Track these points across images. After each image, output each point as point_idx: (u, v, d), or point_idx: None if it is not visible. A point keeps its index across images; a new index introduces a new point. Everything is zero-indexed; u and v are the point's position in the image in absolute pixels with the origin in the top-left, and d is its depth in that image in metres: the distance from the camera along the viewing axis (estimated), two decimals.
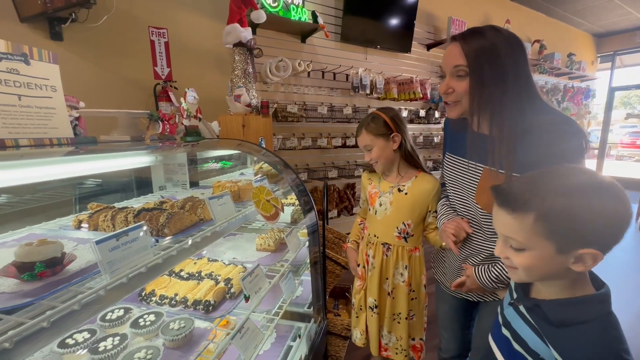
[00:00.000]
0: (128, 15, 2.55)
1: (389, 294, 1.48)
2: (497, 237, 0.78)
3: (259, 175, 1.64)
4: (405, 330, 1.49)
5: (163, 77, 2.75)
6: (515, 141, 0.97)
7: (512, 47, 0.96)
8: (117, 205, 1.29)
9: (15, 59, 0.92)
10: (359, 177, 3.95)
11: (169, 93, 2.66)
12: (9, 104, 0.90)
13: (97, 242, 0.60)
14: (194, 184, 1.70)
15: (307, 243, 1.59)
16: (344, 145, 3.66)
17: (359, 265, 1.57)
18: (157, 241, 0.83)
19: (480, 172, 1.11)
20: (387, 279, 1.48)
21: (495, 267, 1.10)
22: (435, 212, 1.44)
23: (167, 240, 0.86)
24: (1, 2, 2.05)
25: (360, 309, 1.58)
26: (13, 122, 0.90)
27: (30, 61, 0.95)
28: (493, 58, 0.95)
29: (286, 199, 1.84)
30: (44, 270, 0.56)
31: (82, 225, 0.93)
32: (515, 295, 0.84)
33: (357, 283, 1.58)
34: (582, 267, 0.64)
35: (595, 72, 7.59)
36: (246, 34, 2.09)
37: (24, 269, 0.58)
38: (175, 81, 2.71)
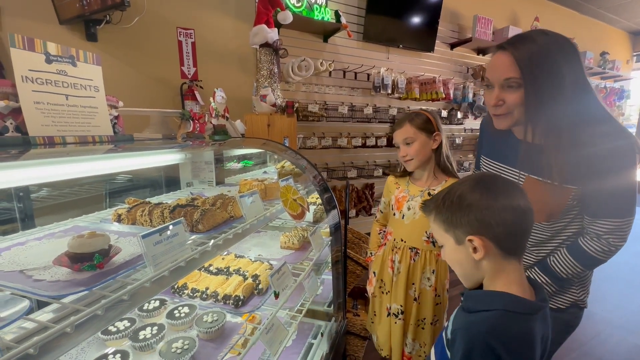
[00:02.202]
0: (158, 16, 2.63)
1: (415, 299, 1.46)
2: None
3: (285, 175, 1.67)
4: (430, 336, 1.47)
5: (189, 76, 2.84)
6: (570, 153, 0.93)
7: (565, 51, 0.91)
8: (150, 200, 1.34)
9: (64, 61, 0.97)
10: (378, 177, 3.93)
11: (195, 92, 2.75)
12: (57, 103, 0.96)
13: (143, 237, 0.63)
14: (219, 182, 1.74)
15: (329, 242, 1.60)
16: (363, 145, 3.65)
17: (374, 274, 1.56)
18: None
19: (522, 181, 1.08)
20: (413, 284, 1.45)
21: (531, 271, 1.08)
22: None
23: (201, 235, 0.89)
24: (43, 7, 2.17)
25: (375, 314, 1.56)
26: (61, 121, 0.96)
27: (77, 63, 1.01)
28: (548, 66, 0.90)
29: (308, 198, 1.87)
30: (101, 262, 0.60)
31: (121, 218, 0.98)
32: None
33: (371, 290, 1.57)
34: (478, 255, 0.71)
35: (630, 72, 7.19)
36: (273, 34, 2.12)
37: (76, 259, 0.63)
38: (201, 80, 2.79)
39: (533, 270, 1.10)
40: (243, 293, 1.07)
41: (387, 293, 1.52)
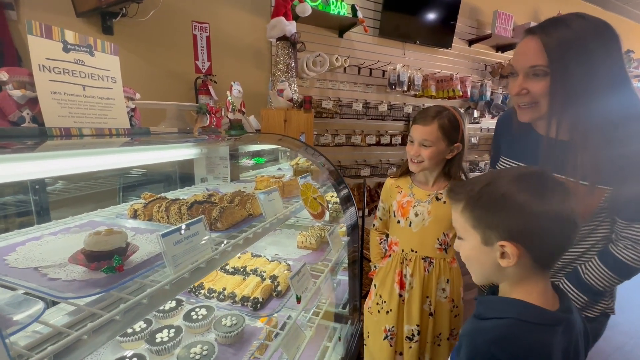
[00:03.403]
0: (173, 10, 2.61)
1: (430, 314, 1.32)
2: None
3: (301, 172, 1.62)
4: (448, 352, 1.33)
5: (203, 71, 2.81)
6: (602, 151, 0.85)
7: (604, 38, 0.82)
8: (165, 195, 1.31)
9: (82, 50, 0.94)
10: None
11: (209, 87, 2.72)
12: (75, 94, 0.93)
13: (163, 235, 0.59)
14: (233, 178, 1.71)
15: (346, 242, 1.55)
16: (377, 144, 3.57)
17: (374, 287, 1.41)
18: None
19: None
20: (427, 297, 1.32)
21: (567, 280, 1.01)
22: None
23: (220, 234, 0.85)
24: None
25: (368, 335, 1.40)
26: (77, 112, 0.93)
27: (94, 52, 0.97)
28: (580, 54, 0.81)
29: (325, 196, 1.82)
30: (121, 264, 0.56)
31: (138, 214, 0.95)
32: None
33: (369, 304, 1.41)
34: (506, 263, 0.63)
35: None
36: (291, 27, 2.07)
37: (93, 257, 0.59)
38: (215, 75, 2.76)
39: (562, 282, 1.03)
40: (262, 295, 1.03)
41: (387, 312, 1.35)
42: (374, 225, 1.51)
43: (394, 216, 1.39)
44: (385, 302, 1.36)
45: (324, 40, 3.24)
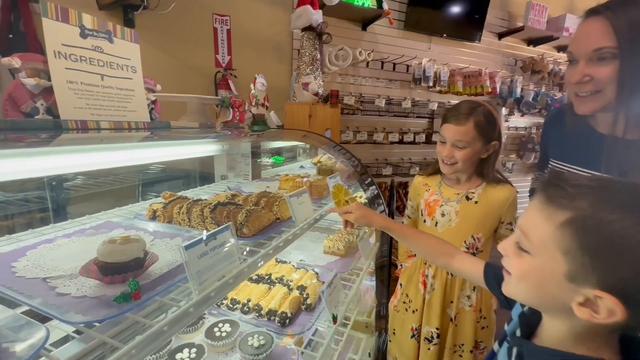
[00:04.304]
0: (194, 2, 2.56)
1: (451, 320, 1.26)
2: None
3: (325, 170, 1.52)
4: None
5: (224, 65, 2.74)
6: None
7: None
8: (185, 193, 1.24)
9: (100, 37, 0.87)
10: (414, 175, 3.70)
11: (229, 81, 2.65)
12: (92, 83, 0.85)
13: (187, 248, 0.50)
14: (255, 176, 1.63)
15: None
16: (400, 142, 3.43)
17: (401, 286, 1.37)
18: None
19: None
20: (451, 302, 1.26)
21: None
22: (510, 224, 1.23)
23: (247, 241, 0.76)
24: None
25: (394, 332, 1.36)
26: (95, 103, 0.86)
27: (113, 39, 0.90)
28: None
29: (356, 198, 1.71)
30: (138, 289, 0.48)
31: (157, 215, 0.88)
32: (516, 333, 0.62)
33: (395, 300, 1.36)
34: (587, 315, 0.46)
35: None
36: (317, 16, 1.96)
37: (107, 269, 0.51)
38: (235, 69, 2.69)
39: None
40: (290, 309, 0.94)
41: (413, 312, 1.31)
42: (403, 223, 1.45)
43: (421, 215, 1.33)
44: (411, 301, 1.33)
45: (346, 33, 3.11)
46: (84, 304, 0.47)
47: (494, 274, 0.73)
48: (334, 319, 0.85)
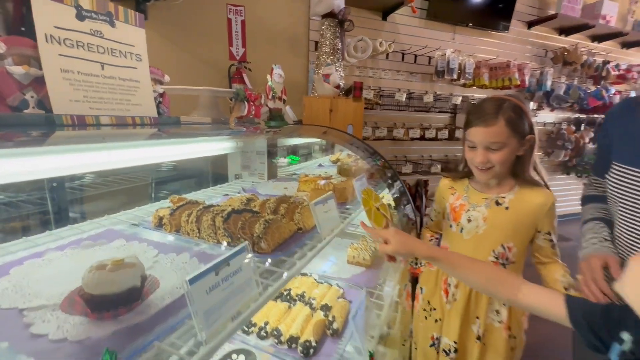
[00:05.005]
0: None
1: (478, 338, 1.12)
2: None
3: (345, 170, 1.39)
4: None
5: (238, 57, 2.63)
6: None
7: None
8: (196, 194, 1.14)
9: (100, 19, 0.76)
10: (435, 174, 3.52)
11: (243, 75, 2.55)
12: (91, 73, 0.75)
13: (192, 281, 0.39)
14: (271, 175, 1.51)
15: None
16: (422, 138, 3.25)
17: (422, 291, 1.25)
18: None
19: None
20: (477, 317, 1.12)
21: None
22: (549, 234, 1.08)
23: (265, 258, 0.64)
24: None
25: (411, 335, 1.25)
26: (94, 96, 0.75)
27: (115, 22, 0.79)
28: None
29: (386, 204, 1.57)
30: None
31: (163, 222, 0.77)
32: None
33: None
34: None
35: None
36: (339, 2, 1.81)
37: (93, 303, 0.41)
38: (249, 62, 2.58)
39: None
40: (314, 335, 0.82)
41: (435, 321, 1.21)
42: (426, 223, 1.35)
43: (447, 219, 1.21)
44: (434, 309, 1.22)
45: (366, 23, 2.95)
46: (62, 353, 0.36)
47: (583, 312, 0.58)
48: (371, 357, 0.73)
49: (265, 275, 0.57)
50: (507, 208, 1.08)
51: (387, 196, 1.40)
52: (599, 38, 4.15)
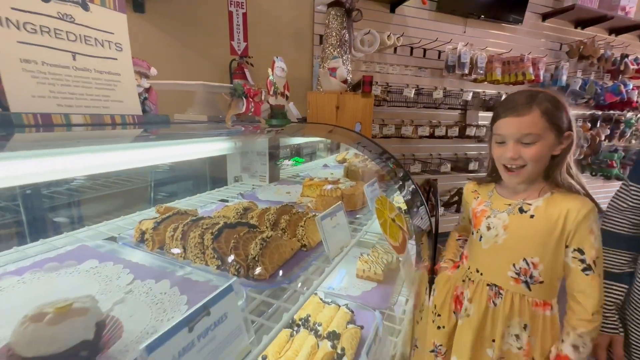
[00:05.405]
0: None
1: None
2: None
3: (353, 172, 1.27)
4: None
5: (239, 52, 2.52)
6: None
7: None
8: (190, 200, 1.03)
9: (70, 1, 0.65)
10: (445, 173, 3.39)
11: (245, 70, 2.44)
12: (59, 64, 0.64)
13: (150, 348, 0.27)
14: (273, 178, 1.40)
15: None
16: (431, 135, 3.12)
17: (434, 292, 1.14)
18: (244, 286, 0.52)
19: None
20: (493, 341, 0.98)
21: None
22: (579, 251, 0.88)
23: (261, 289, 0.53)
24: None
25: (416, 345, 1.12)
26: (63, 91, 0.65)
27: (89, 5, 0.68)
28: None
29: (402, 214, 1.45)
30: None
31: (145, 238, 0.67)
32: None
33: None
34: None
35: None
36: None
37: None
38: (252, 57, 2.47)
39: None
40: None
41: (438, 327, 1.09)
42: (457, 223, 1.25)
43: (471, 225, 1.10)
44: (439, 315, 1.10)
45: (373, 16, 2.81)
46: None
47: None
48: None
49: (261, 309, 0.46)
50: (532, 216, 0.94)
51: (397, 198, 1.28)
52: (617, 30, 3.96)
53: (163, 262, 0.60)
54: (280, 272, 0.57)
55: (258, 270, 0.54)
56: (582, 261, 0.87)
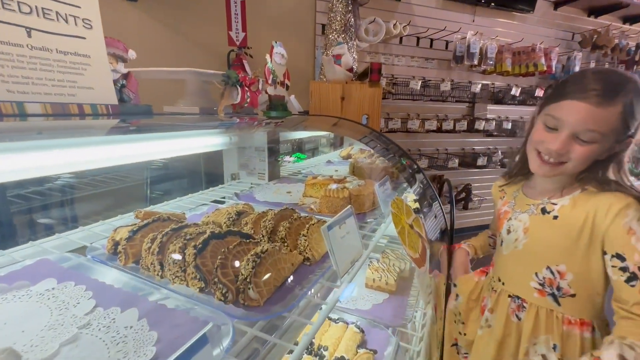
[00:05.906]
0: None
1: None
2: None
3: (359, 170, 1.16)
4: None
5: (237, 42, 2.40)
6: None
7: None
8: (180, 202, 0.92)
9: None
10: (452, 169, 3.27)
11: (244, 61, 2.32)
12: (9, 42, 0.53)
13: None
14: (273, 175, 1.29)
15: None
16: (439, 130, 2.99)
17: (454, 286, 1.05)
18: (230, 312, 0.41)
19: None
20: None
21: None
22: (619, 258, 0.70)
23: (252, 320, 0.41)
24: None
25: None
26: (16, 75, 0.54)
27: None
28: None
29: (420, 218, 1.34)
30: None
31: (118, 251, 0.56)
32: None
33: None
34: None
35: None
36: None
37: None
38: (250, 47, 2.35)
39: None
40: None
41: (459, 333, 1.04)
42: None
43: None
44: (462, 323, 1.03)
45: (378, 4, 2.67)
46: None
47: None
48: None
49: (254, 347, 0.36)
50: (555, 217, 0.80)
51: (410, 196, 1.17)
52: (632, 19, 3.80)
53: (136, 281, 0.50)
54: (278, 295, 0.46)
55: (251, 293, 0.43)
56: (624, 269, 0.69)
